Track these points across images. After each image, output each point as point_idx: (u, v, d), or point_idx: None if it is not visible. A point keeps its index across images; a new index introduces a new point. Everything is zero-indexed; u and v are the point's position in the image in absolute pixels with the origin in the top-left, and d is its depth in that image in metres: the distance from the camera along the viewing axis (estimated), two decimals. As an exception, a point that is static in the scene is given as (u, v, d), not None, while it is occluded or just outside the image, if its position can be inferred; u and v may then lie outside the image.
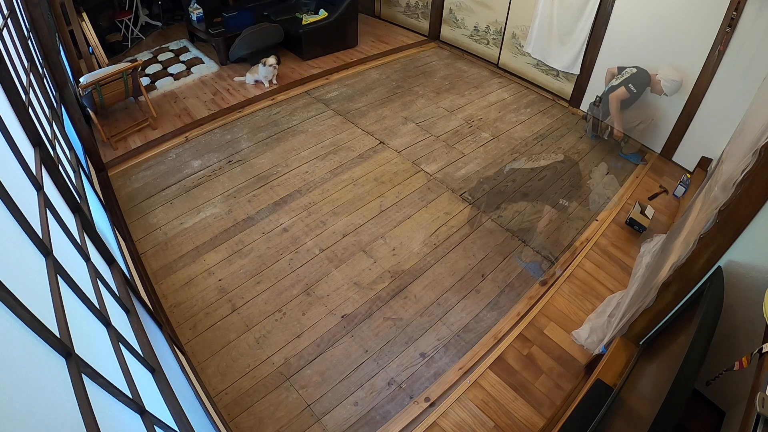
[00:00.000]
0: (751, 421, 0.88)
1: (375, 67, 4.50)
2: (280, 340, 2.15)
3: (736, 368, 1.09)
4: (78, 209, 1.40)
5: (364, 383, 2.03)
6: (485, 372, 2.09)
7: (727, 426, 1.46)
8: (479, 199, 3.01)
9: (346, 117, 3.72)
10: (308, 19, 4.34)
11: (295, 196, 2.93)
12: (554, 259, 2.65)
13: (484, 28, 4.53)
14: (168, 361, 1.50)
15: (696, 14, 2.95)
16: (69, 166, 1.92)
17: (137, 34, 4.73)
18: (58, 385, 0.67)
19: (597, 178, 3.29)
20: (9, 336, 0.61)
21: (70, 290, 0.93)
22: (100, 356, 0.89)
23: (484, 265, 2.57)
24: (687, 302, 1.57)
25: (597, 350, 2.07)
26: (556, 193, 3.11)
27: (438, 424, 1.90)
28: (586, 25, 3.59)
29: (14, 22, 1.97)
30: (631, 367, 1.72)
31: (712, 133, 3.12)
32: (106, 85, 3.04)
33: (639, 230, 2.84)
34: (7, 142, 1.03)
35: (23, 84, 1.59)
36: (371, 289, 2.40)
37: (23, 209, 0.84)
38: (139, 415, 0.91)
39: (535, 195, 3.09)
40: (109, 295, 1.22)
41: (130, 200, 2.86)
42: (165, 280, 2.39)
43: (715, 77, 2.99)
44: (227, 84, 4.04)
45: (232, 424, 1.86)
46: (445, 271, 2.53)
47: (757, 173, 1.20)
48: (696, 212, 1.81)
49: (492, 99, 4.12)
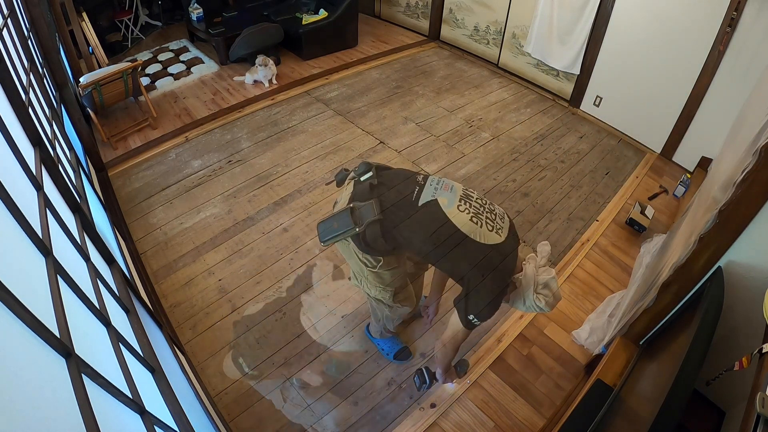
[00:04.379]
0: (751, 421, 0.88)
1: (375, 67, 4.50)
2: (280, 340, 2.15)
3: (736, 368, 1.09)
4: (78, 209, 1.40)
5: (364, 383, 2.02)
6: (485, 372, 2.09)
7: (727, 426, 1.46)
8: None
9: (346, 117, 3.72)
10: (308, 19, 4.34)
11: (295, 196, 2.93)
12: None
13: (484, 28, 4.53)
14: (168, 361, 1.50)
15: (696, 14, 2.95)
16: (69, 166, 1.92)
17: (137, 34, 4.72)
18: (58, 385, 0.67)
19: (597, 178, 3.29)
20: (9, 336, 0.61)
21: (70, 290, 0.93)
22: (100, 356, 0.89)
23: (484, 265, 2.57)
24: (687, 302, 1.57)
25: (597, 350, 2.07)
26: (556, 193, 3.11)
27: (438, 424, 1.90)
28: (586, 25, 3.59)
29: (14, 22, 1.97)
30: (631, 367, 1.72)
31: (712, 133, 3.11)
32: (106, 85, 3.03)
33: (639, 230, 2.84)
34: (7, 142, 1.03)
35: (23, 84, 1.59)
36: (371, 289, 2.40)
37: (23, 209, 0.84)
38: (139, 415, 0.91)
39: (535, 195, 3.09)
40: (109, 295, 1.22)
41: (130, 200, 2.86)
42: (165, 280, 2.39)
43: (715, 77, 2.99)
44: (227, 84, 4.04)
45: (232, 424, 1.86)
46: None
47: (757, 173, 1.20)
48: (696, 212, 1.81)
49: (492, 99, 4.11)
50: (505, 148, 3.50)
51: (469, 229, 1.38)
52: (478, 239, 1.38)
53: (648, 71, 3.35)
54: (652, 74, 3.34)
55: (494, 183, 3.15)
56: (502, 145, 3.53)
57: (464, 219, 1.39)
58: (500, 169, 3.29)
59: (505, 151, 3.47)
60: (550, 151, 3.51)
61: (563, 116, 3.95)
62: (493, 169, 3.28)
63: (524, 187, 3.14)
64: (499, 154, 3.43)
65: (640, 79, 3.42)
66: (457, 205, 1.41)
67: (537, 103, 4.10)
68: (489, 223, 1.42)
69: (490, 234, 1.40)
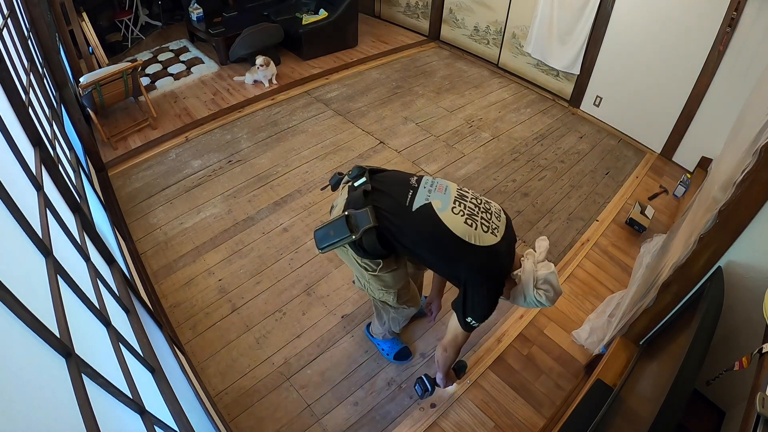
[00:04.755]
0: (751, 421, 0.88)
1: (375, 67, 4.50)
2: (280, 340, 2.15)
3: (736, 368, 1.09)
4: (78, 209, 1.40)
5: (364, 383, 2.02)
6: (485, 372, 2.09)
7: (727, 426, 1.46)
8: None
9: (346, 117, 3.72)
10: (308, 19, 4.34)
11: (295, 196, 2.93)
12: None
13: (484, 28, 4.53)
14: (168, 361, 1.50)
15: (696, 14, 2.95)
16: (69, 166, 1.92)
17: (137, 34, 4.72)
18: (58, 385, 0.67)
19: (597, 178, 3.29)
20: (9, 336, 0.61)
21: (70, 290, 0.93)
22: (100, 356, 0.89)
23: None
24: (687, 302, 1.57)
25: (597, 350, 2.07)
26: (556, 193, 3.11)
27: (438, 424, 1.90)
28: (586, 25, 3.59)
29: (14, 22, 1.97)
30: (631, 367, 1.72)
31: (712, 133, 3.12)
32: (106, 85, 3.03)
33: (639, 230, 2.84)
34: (7, 142, 1.03)
35: (23, 84, 1.59)
36: (371, 289, 2.40)
37: (23, 209, 0.84)
38: (139, 415, 0.91)
39: (535, 195, 3.09)
40: (109, 295, 1.22)
41: (130, 200, 2.86)
42: (165, 280, 2.39)
43: (715, 77, 2.99)
44: (227, 84, 4.04)
45: (232, 424, 1.86)
46: (445, 271, 2.52)
47: (757, 173, 1.20)
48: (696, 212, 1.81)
49: (492, 99, 4.11)
50: (505, 148, 3.50)
51: (464, 231, 1.38)
52: (473, 242, 1.37)
53: (648, 71, 3.35)
54: (652, 74, 3.34)
55: (494, 183, 3.15)
56: (502, 145, 3.53)
57: (459, 221, 1.38)
58: (500, 169, 3.29)
59: (505, 151, 3.47)
60: (550, 151, 3.51)
61: (563, 116, 3.95)
62: (493, 169, 3.28)
63: (524, 187, 3.14)
64: (499, 154, 3.43)
65: (640, 79, 3.42)
66: (452, 208, 1.40)
67: (537, 103, 4.10)
68: (484, 224, 1.41)
69: (485, 235, 1.39)
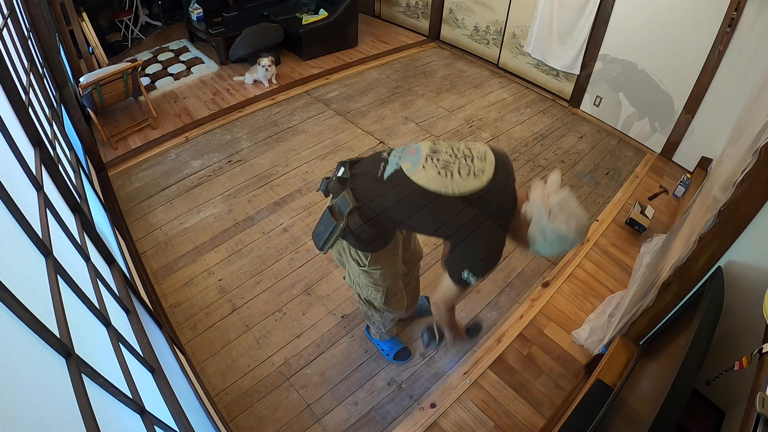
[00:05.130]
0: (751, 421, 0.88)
1: (375, 67, 4.50)
2: (280, 340, 2.15)
3: (736, 368, 1.09)
4: (78, 209, 1.40)
5: (364, 383, 2.03)
6: (485, 372, 2.09)
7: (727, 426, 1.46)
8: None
9: (346, 117, 3.72)
10: (308, 19, 4.34)
11: (295, 196, 2.93)
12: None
13: (484, 28, 4.53)
14: (168, 361, 1.50)
15: (696, 14, 2.95)
16: (69, 166, 1.92)
17: (137, 34, 4.72)
18: (58, 385, 0.67)
19: (597, 178, 3.29)
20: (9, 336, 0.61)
21: (70, 290, 0.93)
22: (100, 356, 0.89)
23: (484, 265, 2.57)
24: (687, 302, 1.57)
25: (597, 350, 2.07)
26: (556, 193, 3.11)
27: (438, 424, 1.90)
28: (586, 25, 3.59)
29: (14, 22, 1.97)
30: (631, 367, 1.72)
31: (712, 133, 3.12)
32: (106, 85, 3.04)
33: (639, 230, 2.84)
34: (7, 142, 1.03)
35: (23, 84, 1.59)
36: (371, 289, 2.40)
37: (23, 209, 0.84)
38: (139, 415, 0.91)
39: (535, 195, 3.08)
40: (109, 295, 1.22)
41: (130, 200, 2.86)
42: (165, 280, 2.39)
43: (715, 77, 2.99)
44: (227, 84, 4.04)
45: (232, 424, 1.86)
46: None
47: (757, 173, 1.20)
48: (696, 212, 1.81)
49: (492, 99, 4.11)
50: (505, 148, 3.50)
51: (438, 185, 1.32)
52: (451, 191, 1.31)
53: (648, 71, 3.35)
54: (652, 74, 3.34)
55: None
56: (502, 145, 3.53)
57: (432, 176, 1.33)
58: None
59: (505, 151, 3.46)
60: (550, 151, 3.51)
61: (563, 116, 3.95)
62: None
63: (524, 188, 3.12)
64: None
65: (640, 79, 3.42)
66: (422, 165, 1.35)
67: (537, 103, 4.10)
68: (463, 169, 1.34)
69: (465, 182, 1.33)
